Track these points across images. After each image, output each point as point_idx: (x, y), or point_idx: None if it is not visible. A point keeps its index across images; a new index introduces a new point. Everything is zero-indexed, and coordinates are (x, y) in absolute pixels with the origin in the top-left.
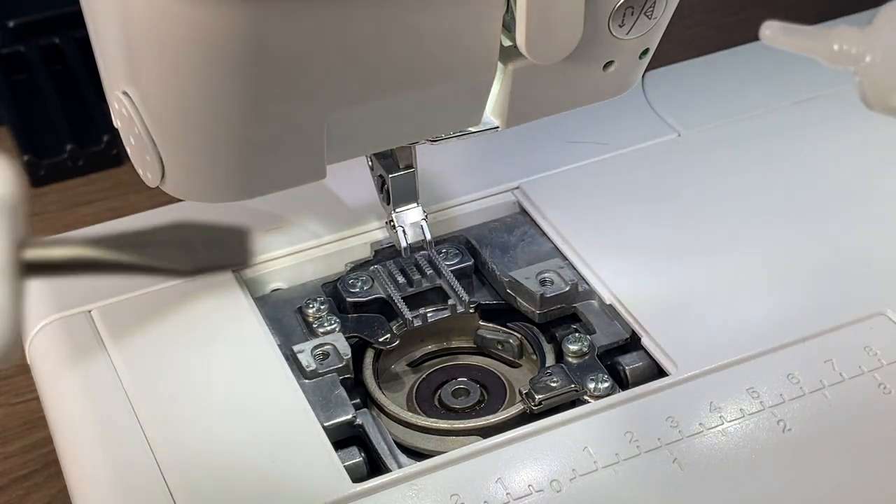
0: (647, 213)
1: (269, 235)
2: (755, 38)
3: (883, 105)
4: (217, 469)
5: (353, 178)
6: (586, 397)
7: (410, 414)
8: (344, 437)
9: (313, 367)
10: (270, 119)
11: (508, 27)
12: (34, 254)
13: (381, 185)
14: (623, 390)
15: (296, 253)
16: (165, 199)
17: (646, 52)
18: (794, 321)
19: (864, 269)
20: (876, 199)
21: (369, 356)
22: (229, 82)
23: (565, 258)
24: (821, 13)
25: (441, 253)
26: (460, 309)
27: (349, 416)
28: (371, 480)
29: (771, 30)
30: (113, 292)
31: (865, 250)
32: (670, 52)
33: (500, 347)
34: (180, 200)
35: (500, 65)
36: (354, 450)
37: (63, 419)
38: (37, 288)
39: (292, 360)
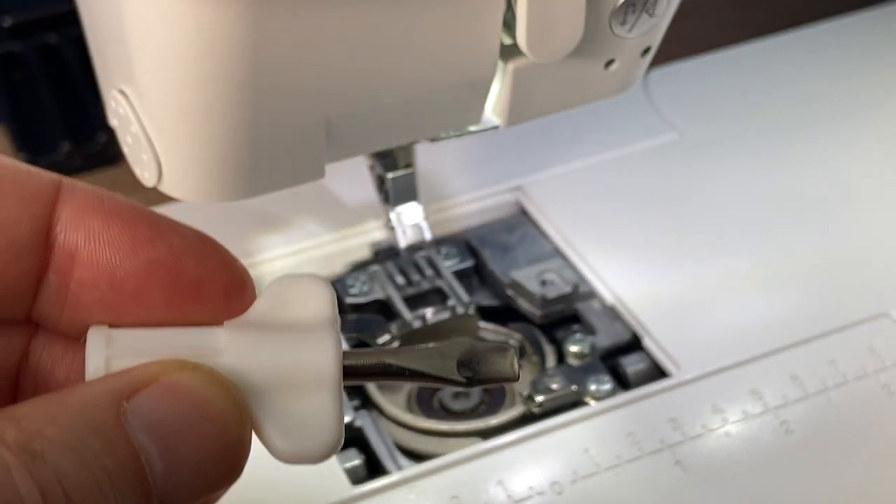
0: (649, 213)
1: (264, 235)
2: (758, 36)
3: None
4: None
5: (352, 178)
6: (587, 399)
7: (410, 416)
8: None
9: None
10: (269, 118)
11: (509, 25)
12: (351, 363)
13: (381, 185)
14: (625, 392)
15: (295, 253)
16: (163, 199)
17: (647, 50)
18: (798, 322)
19: (867, 269)
20: (880, 198)
21: None
22: (228, 81)
23: (566, 258)
24: (821, 9)
25: (441, 253)
26: (460, 310)
27: (348, 418)
28: (370, 483)
29: None
30: None
31: (869, 250)
32: (672, 50)
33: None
34: (177, 201)
35: (500, 63)
36: (354, 452)
37: None
38: None
39: None
